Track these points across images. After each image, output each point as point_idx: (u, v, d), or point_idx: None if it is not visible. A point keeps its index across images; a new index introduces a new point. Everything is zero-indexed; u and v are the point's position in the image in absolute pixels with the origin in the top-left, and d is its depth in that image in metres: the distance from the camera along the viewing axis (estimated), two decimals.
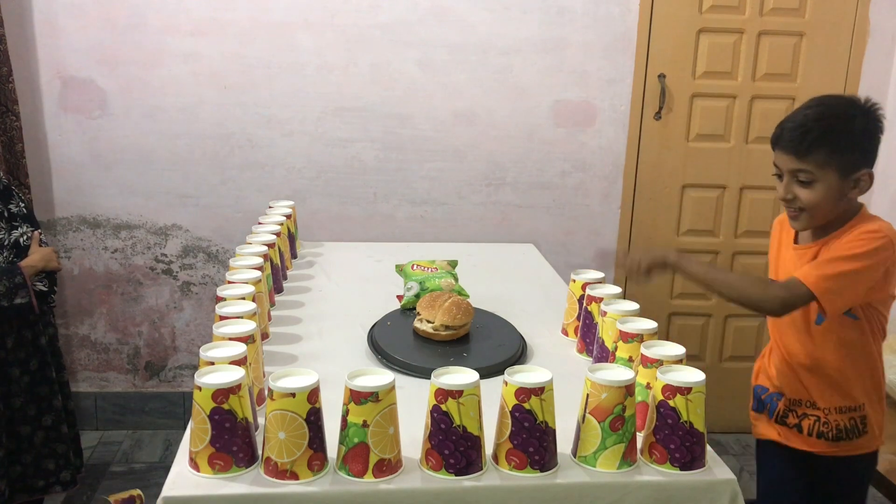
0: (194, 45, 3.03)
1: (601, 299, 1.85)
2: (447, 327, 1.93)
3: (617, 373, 1.45)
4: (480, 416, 1.39)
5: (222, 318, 1.65)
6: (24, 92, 2.99)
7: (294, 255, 2.70)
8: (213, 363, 1.43)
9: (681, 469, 1.43)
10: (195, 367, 1.89)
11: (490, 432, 1.43)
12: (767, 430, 1.97)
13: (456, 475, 1.38)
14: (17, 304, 2.26)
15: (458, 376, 1.40)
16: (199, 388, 1.34)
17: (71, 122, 3.07)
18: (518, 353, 1.90)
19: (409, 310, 2.15)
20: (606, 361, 1.70)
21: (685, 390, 1.40)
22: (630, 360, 1.65)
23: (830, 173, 1.69)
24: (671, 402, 1.41)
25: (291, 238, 2.68)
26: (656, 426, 1.44)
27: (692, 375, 1.44)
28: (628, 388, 1.41)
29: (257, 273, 1.94)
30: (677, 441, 1.42)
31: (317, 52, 3.07)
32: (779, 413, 1.92)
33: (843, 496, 1.94)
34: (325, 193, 3.20)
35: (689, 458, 1.42)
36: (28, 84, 3.00)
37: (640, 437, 1.48)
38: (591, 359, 1.89)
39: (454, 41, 3.11)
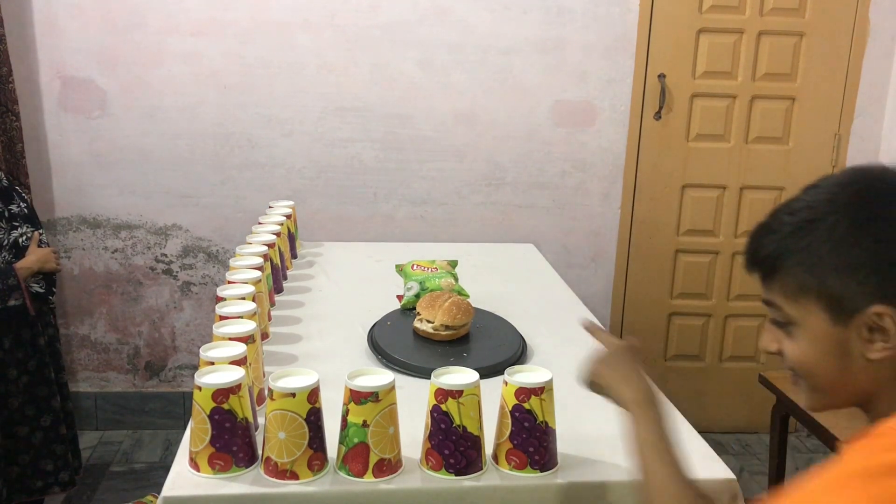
0: (194, 45, 3.03)
1: None
2: (447, 327, 1.93)
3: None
4: (480, 416, 1.39)
5: (222, 318, 1.65)
6: (24, 92, 2.99)
7: (294, 255, 2.70)
8: (213, 363, 1.43)
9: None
10: (195, 367, 1.89)
11: (490, 432, 1.43)
12: None
13: (456, 475, 1.38)
14: (11, 306, 2.25)
15: (458, 376, 1.40)
16: (199, 388, 1.34)
17: (71, 122, 3.07)
18: (518, 353, 1.90)
19: (409, 310, 2.15)
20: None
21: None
22: None
23: (812, 312, 0.94)
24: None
25: (291, 238, 2.67)
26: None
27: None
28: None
29: (257, 273, 1.94)
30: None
31: (317, 52, 3.07)
32: None
33: None
34: (325, 193, 3.20)
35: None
36: (28, 84, 3.00)
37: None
38: None
39: (454, 41, 3.11)
